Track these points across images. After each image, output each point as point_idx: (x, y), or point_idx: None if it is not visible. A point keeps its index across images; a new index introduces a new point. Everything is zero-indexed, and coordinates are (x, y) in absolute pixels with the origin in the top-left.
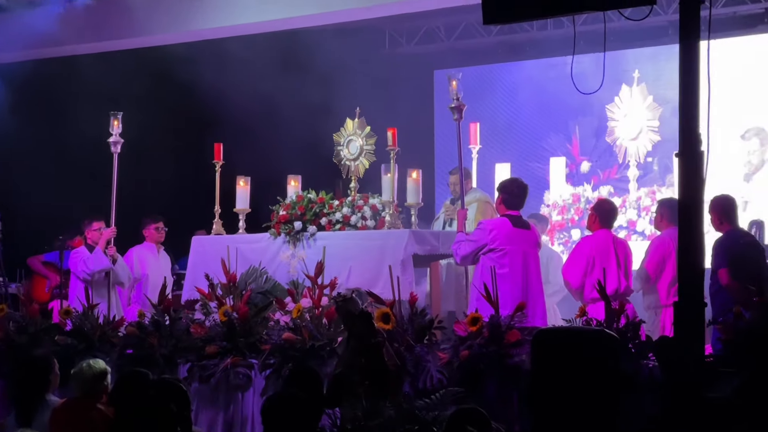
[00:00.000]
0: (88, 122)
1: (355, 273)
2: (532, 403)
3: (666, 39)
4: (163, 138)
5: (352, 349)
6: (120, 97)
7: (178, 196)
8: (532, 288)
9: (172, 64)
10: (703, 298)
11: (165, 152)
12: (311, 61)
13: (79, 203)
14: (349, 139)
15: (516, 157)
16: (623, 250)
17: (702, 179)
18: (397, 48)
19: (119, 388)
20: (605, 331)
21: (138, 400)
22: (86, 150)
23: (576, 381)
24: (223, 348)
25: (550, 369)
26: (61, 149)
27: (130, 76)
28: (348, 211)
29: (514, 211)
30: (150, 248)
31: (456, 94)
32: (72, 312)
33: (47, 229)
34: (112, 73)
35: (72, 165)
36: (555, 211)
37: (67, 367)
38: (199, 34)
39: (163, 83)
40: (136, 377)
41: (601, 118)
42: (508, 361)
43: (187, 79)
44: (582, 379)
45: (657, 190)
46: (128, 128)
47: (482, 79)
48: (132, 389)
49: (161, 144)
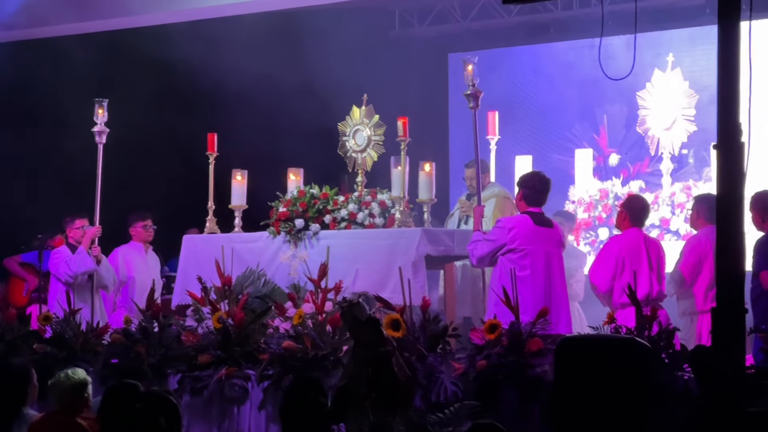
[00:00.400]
0: (70, 111)
1: (362, 275)
2: (555, 418)
3: (703, 19)
4: (151, 128)
5: (359, 359)
6: (105, 83)
7: (167, 191)
8: (556, 292)
9: (162, 46)
10: (743, 304)
11: (154, 143)
12: (315, 44)
13: (59, 198)
14: (355, 128)
15: (538, 149)
16: (656, 250)
17: (742, 173)
18: (408, 29)
19: (107, 401)
20: (636, 339)
21: (125, 415)
22: (68, 141)
23: (603, 394)
24: (217, 357)
25: (574, 381)
26: (39, 140)
27: (116, 60)
28: (354, 207)
29: (535, 207)
30: (137, 248)
31: (471, 80)
32: (52, 318)
33: (24, 227)
34: (96, 57)
35: (52, 157)
36: (581, 208)
37: (46, 378)
38: (193, 13)
39: (152, 68)
40: (126, 390)
41: (631, 107)
42: (529, 372)
43: (179, 64)
44: (610, 393)
45: (693, 185)
46: (114, 117)
47: (501, 63)
48: (121, 403)
49: (150, 134)
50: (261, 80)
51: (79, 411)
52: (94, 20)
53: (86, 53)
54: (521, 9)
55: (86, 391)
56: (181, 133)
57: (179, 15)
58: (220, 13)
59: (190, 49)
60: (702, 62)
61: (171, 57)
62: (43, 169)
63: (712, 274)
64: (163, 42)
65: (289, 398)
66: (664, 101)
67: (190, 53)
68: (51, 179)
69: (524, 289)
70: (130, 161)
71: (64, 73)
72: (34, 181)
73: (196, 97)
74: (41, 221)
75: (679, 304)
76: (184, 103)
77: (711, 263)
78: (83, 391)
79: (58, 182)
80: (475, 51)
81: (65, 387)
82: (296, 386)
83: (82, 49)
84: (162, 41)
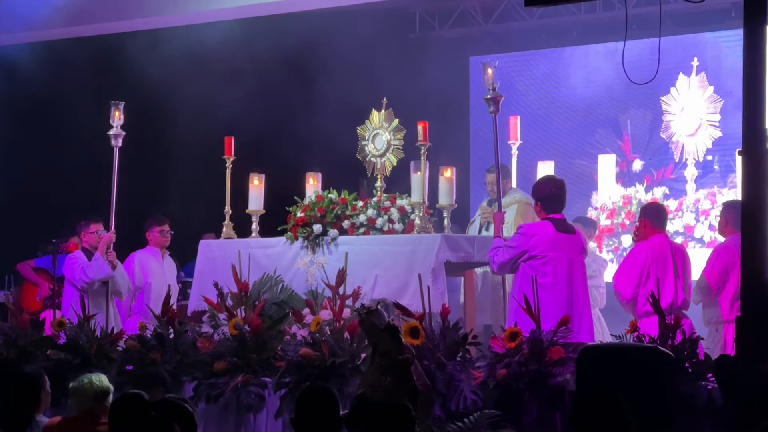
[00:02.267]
0: (86, 113)
1: (381, 282)
2: (577, 427)
3: (729, 23)
4: (167, 131)
5: (377, 367)
6: (120, 86)
7: (184, 196)
8: (578, 299)
9: (179, 48)
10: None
11: (170, 147)
12: (333, 47)
13: (74, 202)
14: (374, 133)
15: (560, 155)
16: (682, 258)
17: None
18: (429, 32)
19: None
20: (659, 348)
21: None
22: (84, 144)
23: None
24: (233, 364)
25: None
26: (56, 143)
27: (132, 63)
28: (373, 213)
29: (556, 214)
30: (154, 253)
31: (492, 84)
32: (66, 323)
33: (38, 231)
34: (112, 60)
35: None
36: (603, 215)
37: (60, 385)
38: (211, 15)
39: (169, 70)
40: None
41: (655, 112)
42: (551, 380)
43: (196, 66)
44: (632, 402)
45: (717, 191)
46: (130, 120)
47: (523, 66)
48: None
49: (166, 138)
50: (280, 84)
51: (98, 418)
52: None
53: (103, 55)
54: (543, 12)
55: (108, 400)
56: (198, 136)
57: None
58: (240, 15)
59: (207, 51)
60: (727, 67)
61: (187, 59)
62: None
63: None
64: (179, 43)
65: (300, 408)
66: (688, 106)
67: (206, 55)
68: (66, 183)
69: (546, 297)
70: (146, 165)
71: (79, 75)
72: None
73: (214, 101)
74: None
75: (705, 313)
76: (201, 107)
77: (738, 272)
78: (105, 399)
79: (73, 186)
80: (497, 54)
81: (88, 393)
82: (307, 395)
83: (99, 51)
84: (179, 43)
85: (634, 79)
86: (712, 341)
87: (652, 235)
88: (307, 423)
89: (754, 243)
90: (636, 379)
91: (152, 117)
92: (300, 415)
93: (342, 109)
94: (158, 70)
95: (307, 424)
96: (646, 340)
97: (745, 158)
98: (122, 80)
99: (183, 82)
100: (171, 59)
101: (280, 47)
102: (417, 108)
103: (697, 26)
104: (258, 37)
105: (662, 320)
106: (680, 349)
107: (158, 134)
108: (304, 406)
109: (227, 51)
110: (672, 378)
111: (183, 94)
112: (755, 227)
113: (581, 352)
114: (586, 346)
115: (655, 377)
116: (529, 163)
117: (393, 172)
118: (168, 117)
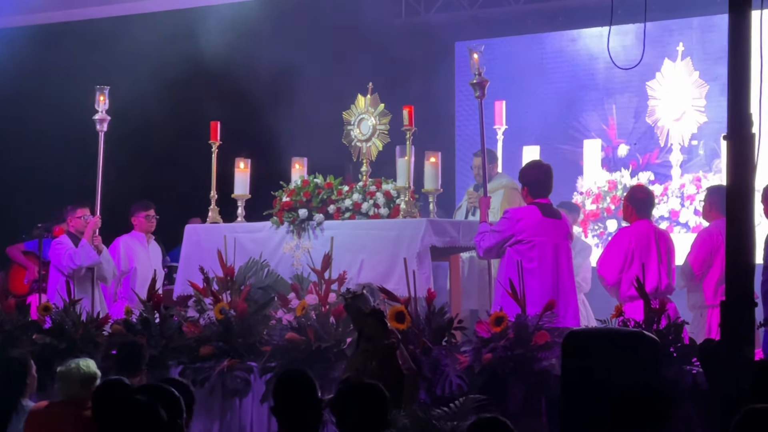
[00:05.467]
0: (70, 97)
1: (367, 266)
2: (562, 412)
3: (714, 8)
4: (153, 115)
5: (363, 352)
6: (106, 70)
7: (169, 180)
8: (563, 284)
9: (164, 32)
10: (753, 297)
11: (156, 131)
12: (319, 31)
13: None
14: (360, 117)
15: (546, 139)
16: (665, 243)
17: (753, 165)
18: (414, 17)
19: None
20: (644, 332)
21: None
22: (69, 128)
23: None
24: (219, 349)
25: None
26: (40, 127)
27: (117, 47)
28: (359, 197)
29: (543, 198)
30: (139, 238)
31: (478, 69)
32: (51, 308)
33: (25, 214)
34: (96, 43)
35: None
36: (589, 200)
37: (46, 370)
38: None
39: (153, 54)
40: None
41: (641, 97)
42: (536, 365)
43: (181, 50)
44: (617, 387)
45: (703, 176)
46: (115, 104)
47: (508, 51)
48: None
49: (151, 122)
50: (264, 67)
51: (85, 403)
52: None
53: (87, 39)
54: None
55: (94, 385)
56: (183, 121)
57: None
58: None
59: (193, 37)
60: (713, 52)
61: (174, 44)
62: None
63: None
64: (165, 29)
65: (278, 394)
66: (674, 91)
67: (193, 40)
68: (51, 168)
69: (531, 282)
70: (131, 149)
71: (63, 59)
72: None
73: (199, 85)
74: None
75: (689, 297)
76: (187, 92)
77: (722, 256)
78: (92, 384)
79: (58, 170)
80: (483, 39)
81: (75, 378)
82: (284, 381)
83: (82, 35)
84: (165, 28)
85: (620, 63)
86: (696, 326)
87: (637, 221)
88: (286, 408)
89: (739, 228)
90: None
91: (138, 102)
92: (278, 401)
93: (328, 94)
94: (143, 55)
95: (287, 410)
96: (631, 324)
97: (730, 143)
98: (108, 65)
99: (169, 67)
100: (156, 45)
101: (265, 32)
102: (403, 93)
103: (682, 11)
104: (242, 21)
105: (647, 305)
106: (665, 333)
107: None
108: (282, 392)
109: (213, 35)
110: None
111: (168, 78)
112: (740, 212)
113: (566, 336)
114: (571, 330)
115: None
116: (515, 147)
117: (378, 156)
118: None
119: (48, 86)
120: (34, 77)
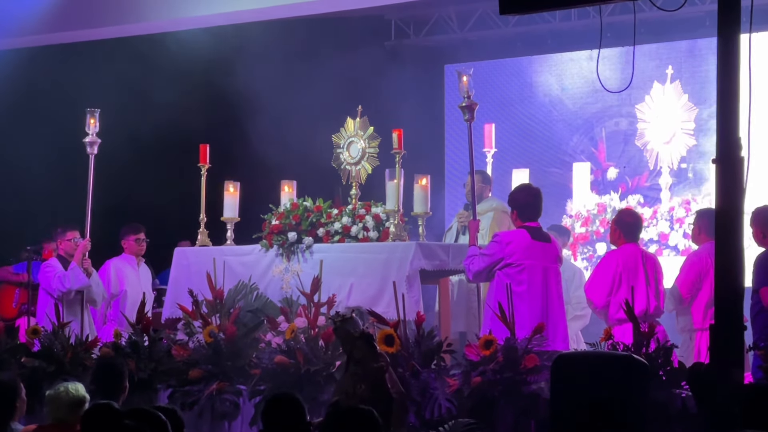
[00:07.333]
0: (61, 120)
1: (356, 290)
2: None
3: (703, 31)
4: (143, 139)
5: (352, 375)
6: (96, 92)
7: (159, 203)
8: (553, 308)
9: (154, 56)
10: (742, 321)
11: (145, 154)
12: (308, 54)
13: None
14: (349, 140)
15: (535, 163)
16: (653, 266)
17: (742, 188)
18: (404, 39)
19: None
20: (633, 356)
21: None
22: (59, 151)
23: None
24: (208, 372)
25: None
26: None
27: (106, 70)
28: (348, 220)
29: (532, 222)
30: (129, 261)
31: (467, 92)
32: (40, 331)
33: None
34: (87, 65)
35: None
36: (578, 223)
37: (34, 393)
38: (185, 22)
39: (143, 77)
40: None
41: (630, 120)
42: (525, 388)
43: (171, 73)
44: (607, 410)
45: (692, 199)
46: (105, 127)
47: (498, 74)
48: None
49: (141, 145)
50: (254, 91)
51: (74, 427)
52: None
53: (77, 61)
54: (519, 20)
55: (83, 408)
56: (172, 144)
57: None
58: (211, 23)
59: (181, 60)
60: (702, 75)
61: (162, 67)
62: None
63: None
64: (154, 51)
65: (266, 418)
66: (663, 115)
67: (181, 64)
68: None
69: (521, 305)
70: (121, 172)
71: (54, 81)
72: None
73: (189, 108)
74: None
75: (678, 321)
76: (177, 115)
77: (711, 280)
78: (80, 408)
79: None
80: (472, 62)
81: (63, 401)
82: (272, 404)
83: (73, 57)
84: (153, 50)
85: (609, 87)
86: (685, 349)
87: (624, 245)
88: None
89: (728, 251)
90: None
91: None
92: (267, 424)
93: (317, 117)
94: (132, 78)
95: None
96: (620, 348)
97: (719, 166)
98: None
99: (158, 90)
100: (146, 67)
101: (256, 54)
102: (392, 116)
103: (671, 34)
104: (234, 45)
105: (636, 328)
106: (654, 356)
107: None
108: (271, 415)
109: (202, 58)
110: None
111: (158, 101)
112: (730, 235)
113: (555, 360)
114: (560, 354)
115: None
116: (504, 171)
117: (368, 179)
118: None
119: (38, 108)
120: (23, 99)
